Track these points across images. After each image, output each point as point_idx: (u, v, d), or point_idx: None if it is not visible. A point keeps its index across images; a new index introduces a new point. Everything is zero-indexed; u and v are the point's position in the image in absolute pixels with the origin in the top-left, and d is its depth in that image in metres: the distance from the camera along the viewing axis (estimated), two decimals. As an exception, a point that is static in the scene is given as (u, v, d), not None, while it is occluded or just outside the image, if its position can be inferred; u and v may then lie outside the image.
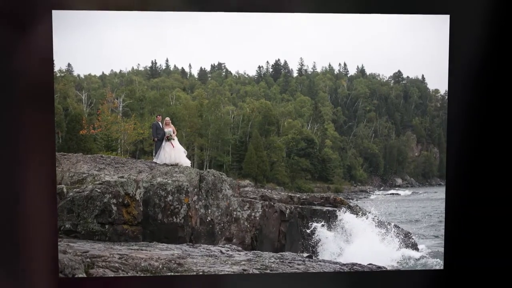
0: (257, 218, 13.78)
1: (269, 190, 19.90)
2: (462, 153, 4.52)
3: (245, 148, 62.45)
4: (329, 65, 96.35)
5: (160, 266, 7.43)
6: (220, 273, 7.26)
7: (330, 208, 15.33)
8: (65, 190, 11.23)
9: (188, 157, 15.86)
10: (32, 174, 4.18)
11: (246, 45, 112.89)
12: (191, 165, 14.95)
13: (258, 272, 7.57)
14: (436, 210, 32.40)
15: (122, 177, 11.93)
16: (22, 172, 4.16)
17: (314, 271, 8.30)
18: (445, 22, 4.40)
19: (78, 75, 70.37)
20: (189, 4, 4.34)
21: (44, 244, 4.22)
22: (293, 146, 67.13)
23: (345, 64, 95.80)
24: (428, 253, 15.31)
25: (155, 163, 14.17)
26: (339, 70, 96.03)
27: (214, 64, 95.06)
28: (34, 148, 4.17)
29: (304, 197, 16.76)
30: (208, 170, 14.92)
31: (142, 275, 7.02)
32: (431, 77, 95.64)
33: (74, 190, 11.28)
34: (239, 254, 9.67)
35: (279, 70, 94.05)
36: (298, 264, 8.68)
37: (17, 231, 4.18)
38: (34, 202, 4.20)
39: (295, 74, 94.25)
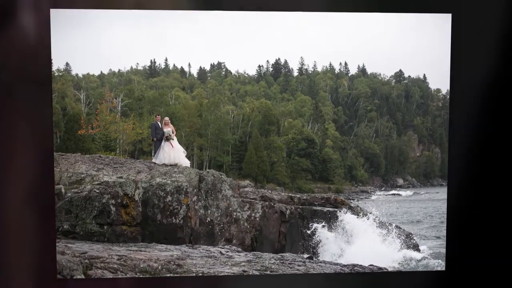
0: (257, 218, 13.73)
1: (269, 191, 19.83)
2: (464, 153, 4.49)
3: (245, 148, 62.37)
4: (330, 64, 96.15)
5: (159, 267, 7.39)
6: (219, 274, 7.22)
7: (330, 209, 15.27)
8: (63, 190, 11.19)
9: (188, 157, 15.80)
10: (30, 174, 4.15)
11: (246, 44, 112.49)
12: (190, 165, 14.89)
13: (258, 273, 7.53)
14: (437, 211, 32.29)
15: (121, 177, 11.89)
16: (20, 172, 4.12)
17: (314, 272, 8.26)
18: (446, 21, 4.36)
19: (77, 75, 70.14)
20: (189, 3, 4.29)
21: (42, 245, 4.19)
22: (293, 146, 67.04)
23: (346, 64, 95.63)
24: (429, 254, 15.26)
25: (154, 163, 14.12)
26: (339, 69, 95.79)
27: (213, 64, 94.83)
28: (32, 148, 4.14)
29: (305, 197, 16.69)
30: (208, 170, 14.87)
31: (141, 276, 6.97)
32: (432, 76, 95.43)
33: (72, 190, 11.25)
34: (239, 255, 9.64)
35: (279, 69, 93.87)
36: (299, 265, 8.64)
37: (15, 231, 4.14)
38: (32, 203, 4.16)
39: (295, 73, 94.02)
